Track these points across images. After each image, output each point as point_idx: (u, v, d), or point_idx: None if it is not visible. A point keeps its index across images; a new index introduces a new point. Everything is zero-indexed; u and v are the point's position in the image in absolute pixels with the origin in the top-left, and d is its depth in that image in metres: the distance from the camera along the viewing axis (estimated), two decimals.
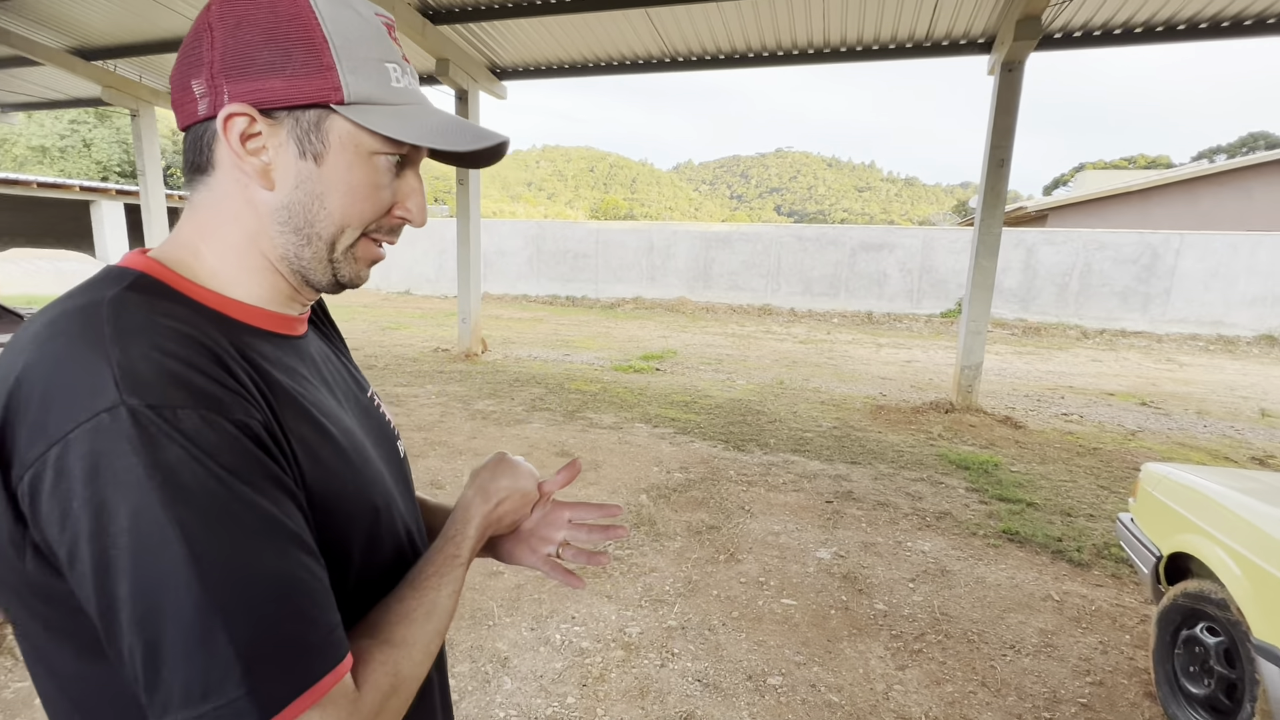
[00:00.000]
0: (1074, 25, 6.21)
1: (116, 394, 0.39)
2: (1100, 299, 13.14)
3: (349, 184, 0.52)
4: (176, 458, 0.39)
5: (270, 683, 0.39)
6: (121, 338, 0.41)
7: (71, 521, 0.38)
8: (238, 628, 0.38)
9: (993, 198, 6.08)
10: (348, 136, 0.51)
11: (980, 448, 5.14)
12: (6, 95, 11.39)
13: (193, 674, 0.38)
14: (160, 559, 0.38)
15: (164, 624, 0.38)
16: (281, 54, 0.48)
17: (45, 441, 0.39)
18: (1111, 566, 3.18)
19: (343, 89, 0.49)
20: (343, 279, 0.56)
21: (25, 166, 22.78)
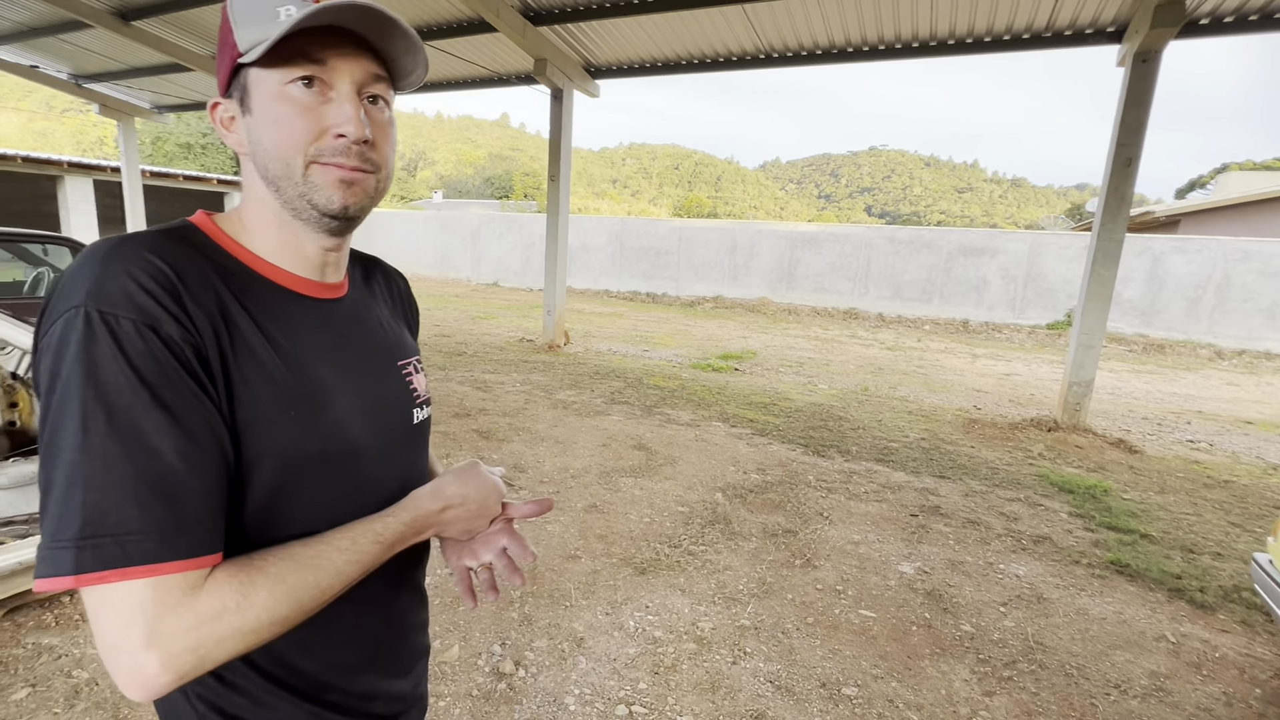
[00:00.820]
0: (1225, 9, 5.55)
1: (83, 298, 0.50)
2: (1241, 315, 11.72)
3: (273, 119, 0.59)
4: (104, 352, 0.49)
5: (94, 546, 0.47)
6: (109, 261, 0.52)
7: (38, 376, 0.51)
8: (90, 494, 0.47)
9: (1116, 200, 5.57)
10: (257, 79, 0.59)
11: (1087, 471, 4.74)
12: (162, 98, 12.86)
13: (55, 516, 0.47)
14: (65, 422, 0.48)
15: (54, 471, 0.48)
16: (220, 45, 0.62)
17: (47, 323, 0.52)
18: (1241, 612, 2.86)
19: (238, 44, 0.58)
20: (319, 206, 0.61)
21: (173, 161, 25.63)
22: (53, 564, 0.47)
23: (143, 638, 0.47)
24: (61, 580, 0.47)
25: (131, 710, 1.92)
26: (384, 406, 0.70)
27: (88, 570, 0.47)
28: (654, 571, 2.91)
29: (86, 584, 0.47)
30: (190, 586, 0.49)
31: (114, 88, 12.35)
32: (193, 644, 0.49)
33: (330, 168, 0.60)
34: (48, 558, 0.47)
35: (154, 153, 26.06)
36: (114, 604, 0.47)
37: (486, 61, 8.98)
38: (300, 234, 0.64)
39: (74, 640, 2.20)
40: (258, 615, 0.52)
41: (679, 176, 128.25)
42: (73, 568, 0.46)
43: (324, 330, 0.66)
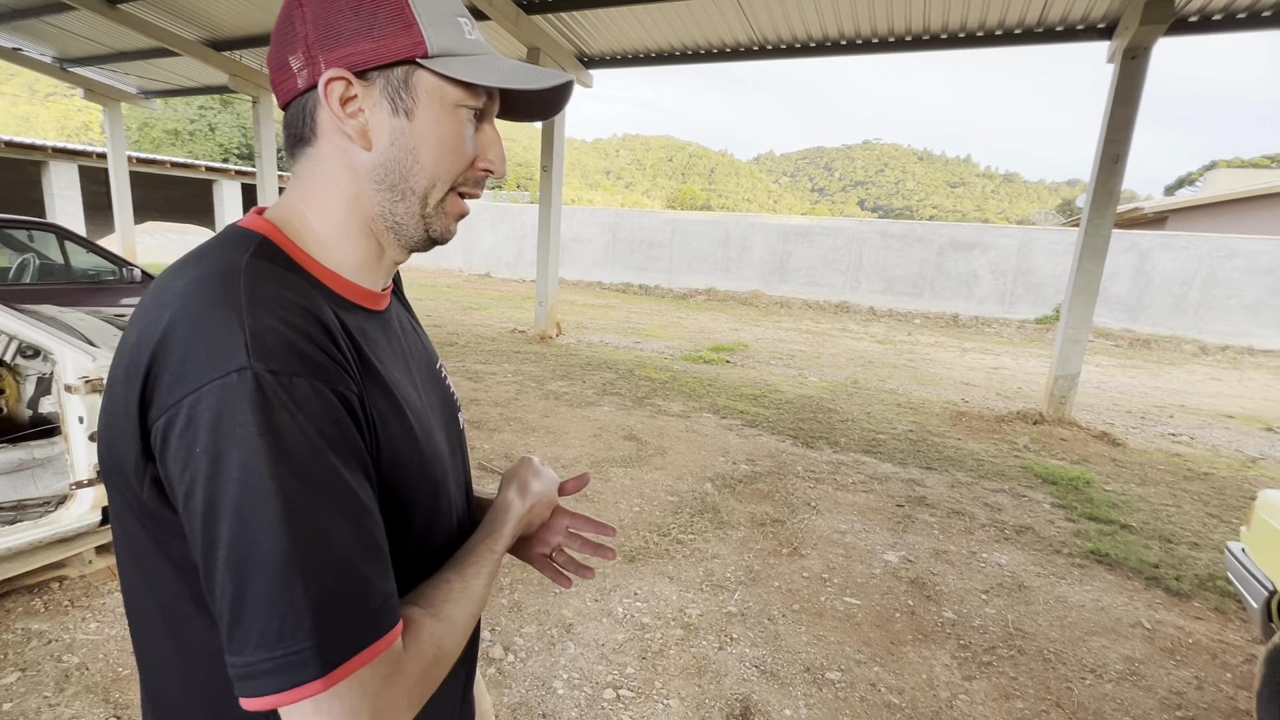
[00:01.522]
0: (1213, 7, 5.60)
1: (246, 357, 0.43)
2: (1225, 312, 11.89)
3: (438, 137, 0.55)
4: (285, 421, 0.43)
5: (334, 638, 0.43)
6: (254, 307, 0.45)
7: (192, 464, 0.43)
8: (313, 584, 0.42)
9: (1104, 196, 5.63)
10: (434, 90, 0.54)
11: (1071, 463, 4.82)
12: (149, 83, 12.68)
13: (270, 620, 0.41)
14: (259, 511, 0.42)
15: (253, 570, 0.41)
16: (368, 18, 0.52)
17: (182, 390, 0.43)
18: (1215, 599, 2.93)
19: (426, 43, 0.53)
20: (434, 234, 0.59)
21: (161, 148, 25.28)
22: (293, 671, 0.41)
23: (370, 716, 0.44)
24: (310, 686, 0.42)
25: (122, 694, 1.93)
26: (445, 418, 0.68)
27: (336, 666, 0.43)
28: (643, 560, 2.95)
29: (335, 683, 0.42)
30: (399, 654, 0.47)
31: (99, 72, 12.16)
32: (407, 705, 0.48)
33: (460, 198, 0.60)
34: (281, 667, 0.41)
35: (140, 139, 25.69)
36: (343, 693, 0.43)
37: None
38: (386, 244, 0.60)
39: (64, 625, 2.21)
40: (448, 661, 0.53)
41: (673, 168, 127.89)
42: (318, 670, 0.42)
43: (391, 342, 0.62)
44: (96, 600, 2.36)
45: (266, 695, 0.42)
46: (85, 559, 2.45)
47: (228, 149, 26.38)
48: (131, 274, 5.22)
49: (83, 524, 2.34)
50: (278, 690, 0.42)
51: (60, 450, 2.83)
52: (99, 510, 2.34)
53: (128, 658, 2.08)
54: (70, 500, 2.29)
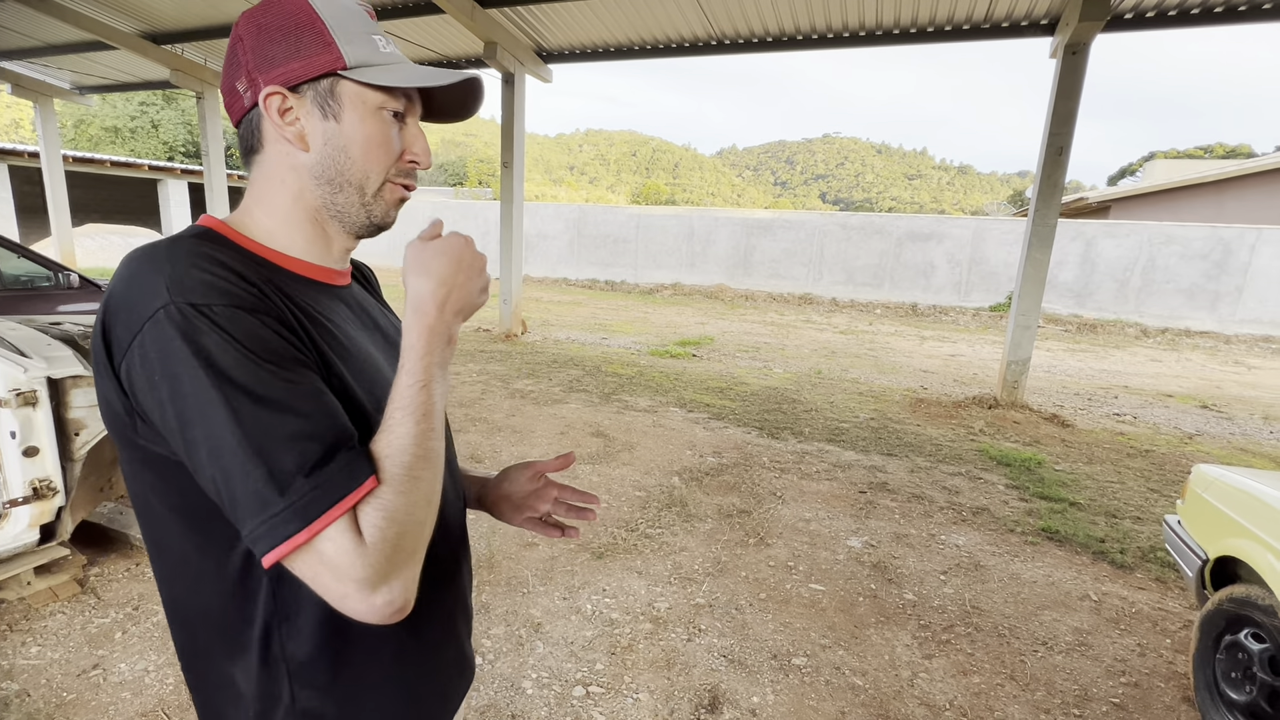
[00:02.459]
0: (1146, 5, 5.86)
1: (167, 295, 0.52)
2: (1164, 296, 12.49)
3: (364, 135, 0.64)
4: (213, 342, 0.51)
5: (305, 497, 0.50)
6: (173, 260, 0.54)
7: (155, 391, 0.52)
8: (273, 459, 0.50)
9: (1049, 187, 5.85)
10: (355, 95, 0.63)
11: (1023, 445, 5.00)
12: (84, 78, 12.05)
13: (250, 494, 0.50)
14: (213, 413, 0.50)
15: (225, 459, 0.50)
16: (295, 43, 0.62)
17: (129, 335, 0.53)
18: (1156, 570, 3.09)
19: (344, 57, 0.62)
20: (375, 219, 0.68)
21: (99, 146, 24.06)
22: (278, 529, 0.50)
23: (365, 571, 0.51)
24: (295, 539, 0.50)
25: (67, 719, 1.85)
26: None
27: (319, 515, 0.50)
28: (611, 556, 2.95)
29: (316, 532, 0.50)
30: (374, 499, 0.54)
31: (28, 66, 11.50)
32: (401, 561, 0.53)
33: (397, 187, 0.68)
34: (267, 530, 0.50)
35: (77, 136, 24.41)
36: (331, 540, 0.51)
37: (434, 44, 8.73)
38: (333, 233, 0.68)
39: (1, 652, 2.10)
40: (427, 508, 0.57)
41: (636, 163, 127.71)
42: (302, 521, 0.50)
43: (349, 312, 0.71)
44: (38, 624, 2.25)
45: (269, 552, 0.51)
46: (23, 580, 2.33)
47: (173, 147, 25.26)
48: (69, 279, 4.97)
49: (19, 544, 2.22)
50: (273, 546, 0.50)
51: None
52: (36, 529, 2.23)
53: (72, 681, 1.99)
54: (4, 519, 2.18)
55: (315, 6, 0.63)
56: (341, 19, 0.63)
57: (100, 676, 2.02)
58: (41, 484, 2.20)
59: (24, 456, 2.14)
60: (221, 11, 8.45)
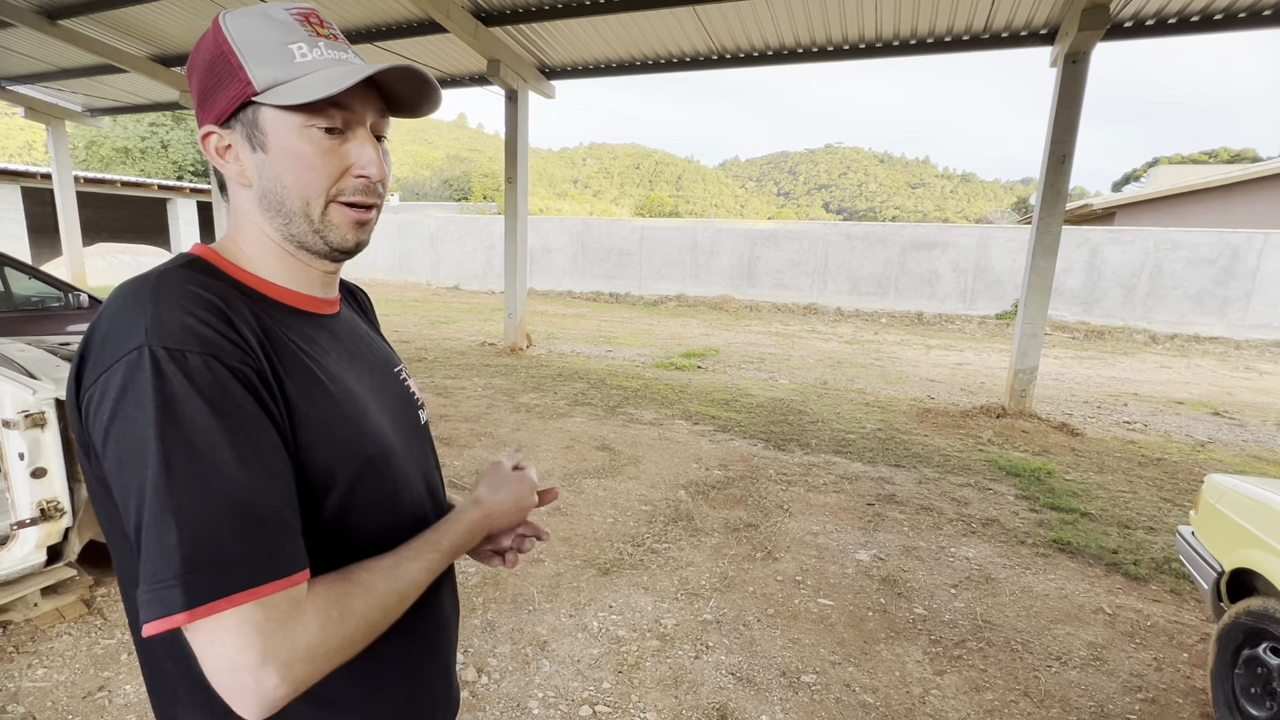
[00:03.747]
0: (1146, 13, 5.88)
1: (144, 337, 0.51)
2: (1172, 302, 12.41)
3: (294, 158, 0.61)
4: (176, 390, 0.50)
5: (201, 579, 0.48)
6: (156, 298, 0.53)
7: (101, 428, 0.51)
8: (185, 529, 0.48)
9: (1052, 195, 5.84)
10: (276, 120, 0.60)
11: (1033, 454, 4.96)
12: (96, 101, 12.26)
13: (154, 559, 0.48)
14: (146, 466, 0.49)
15: (144, 516, 0.49)
16: (215, 76, 0.60)
17: (99, 369, 0.52)
18: (1171, 582, 3.04)
19: (252, 82, 0.59)
20: (334, 243, 0.65)
21: (110, 167, 24.42)
22: (162, 604, 0.47)
23: (259, 656, 0.48)
24: (174, 619, 0.47)
25: None
26: (399, 411, 0.73)
27: (200, 604, 0.48)
28: (617, 571, 2.93)
29: (199, 618, 0.48)
30: (295, 602, 0.51)
31: (42, 90, 11.72)
32: (305, 655, 0.51)
33: (347, 209, 0.64)
34: (154, 600, 0.48)
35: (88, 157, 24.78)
36: (227, 629, 0.48)
37: (439, 63, 8.84)
38: (305, 260, 0.66)
39: (8, 673, 2.10)
40: (356, 623, 0.55)
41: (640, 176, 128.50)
42: (183, 604, 0.47)
43: (336, 343, 0.69)
44: (44, 645, 2.25)
45: (149, 622, 0.48)
46: (30, 602, 2.34)
47: (182, 166, 25.60)
48: (78, 299, 5.02)
49: (26, 565, 2.23)
50: (152, 618, 0.48)
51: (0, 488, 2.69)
52: (44, 550, 2.24)
53: (77, 704, 1.98)
54: (12, 541, 2.19)
55: (227, 31, 0.60)
56: (253, 38, 0.59)
57: (105, 699, 2.01)
58: (49, 505, 2.21)
59: (32, 478, 2.15)
60: None
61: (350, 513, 0.62)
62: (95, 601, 2.51)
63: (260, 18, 0.60)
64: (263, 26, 0.60)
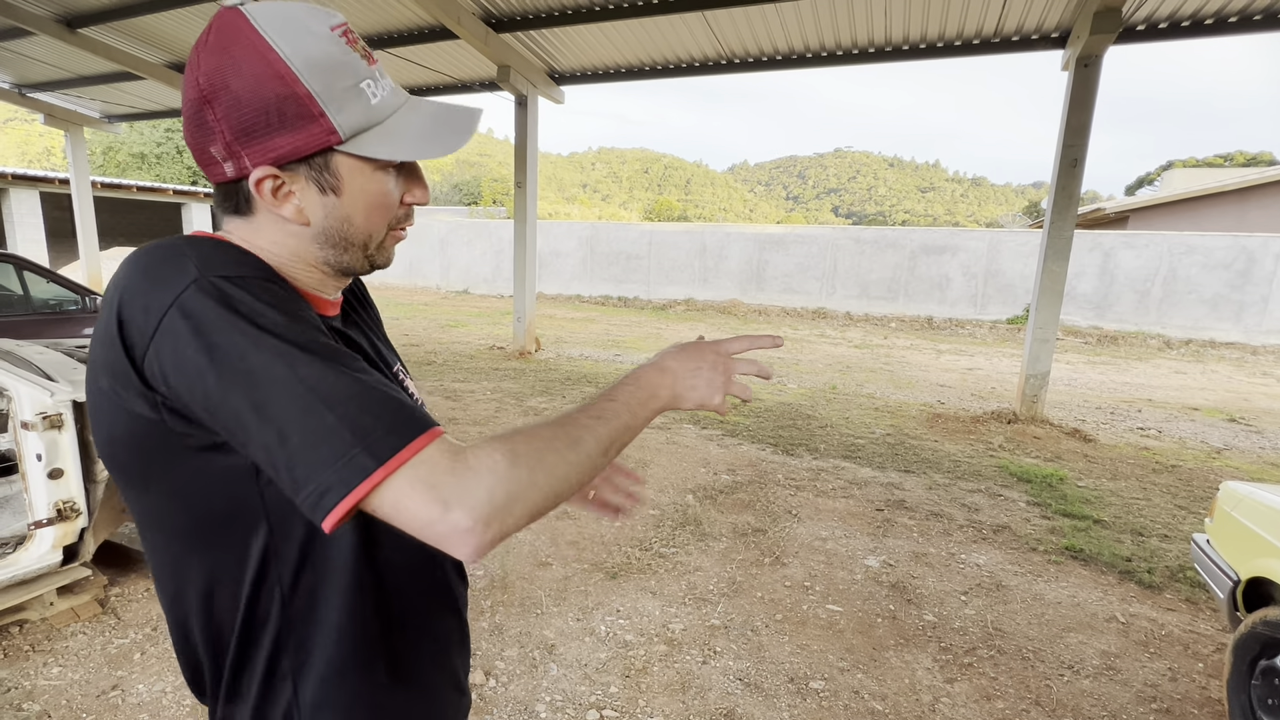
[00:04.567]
0: (1159, 16, 5.84)
1: (197, 272, 0.50)
2: (1186, 307, 12.26)
3: (367, 201, 0.61)
4: (250, 306, 0.50)
5: (378, 438, 0.48)
6: (194, 246, 0.53)
7: (191, 367, 0.48)
8: (338, 405, 0.48)
9: (1064, 199, 5.80)
10: (355, 167, 0.59)
11: (1044, 460, 4.91)
12: (113, 107, 12.46)
13: (316, 448, 0.47)
14: (263, 371, 0.48)
15: (281, 418, 0.47)
16: (278, 115, 0.54)
17: (154, 323, 0.49)
18: (1186, 590, 3.00)
19: (338, 131, 0.56)
20: (378, 265, 0.67)
21: (127, 172, 24.79)
22: (354, 473, 0.47)
23: (441, 504, 0.48)
24: (370, 480, 0.47)
25: None
26: None
27: (385, 459, 0.47)
28: (625, 575, 2.93)
29: (391, 471, 0.47)
30: (456, 450, 0.50)
31: (61, 97, 11.93)
32: (484, 495, 0.49)
33: (399, 234, 0.66)
34: (342, 476, 0.47)
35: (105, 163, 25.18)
36: (405, 488, 0.48)
37: (449, 69, 8.92)
38: (331, 277, 0.66)
39: (24, 672, 2.13)
40: (529, 464, 0.52)
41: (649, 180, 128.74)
42: (374, 463, 0.47)
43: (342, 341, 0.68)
44: (59, 644, 2.28)
45: (339, 504, 0.47)
46: (46, 601, 2.37)
47: (196, 171, 25.93)
48: (94, 303, 5.10)
49: (43, 565, 2.26)
50: (346, 492, 0.47)
51: (18, 489, 2.73)
52: (60, 550, 2.27)
53: (91, 702, 2.01)
54: (29, 541, 2.22)
55: (291, 64, 0.53)
56: (324, 75, 0.54)
57: (119, 698, 2.03)
58: (65, 506, 2.24)
59: (49, 479, 2.18)
60: None
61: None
62: (110, 601, 2.54)
63: (309, 36, 0.54)
64: (324, 56, 0.55)
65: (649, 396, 0.65)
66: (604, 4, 6.80)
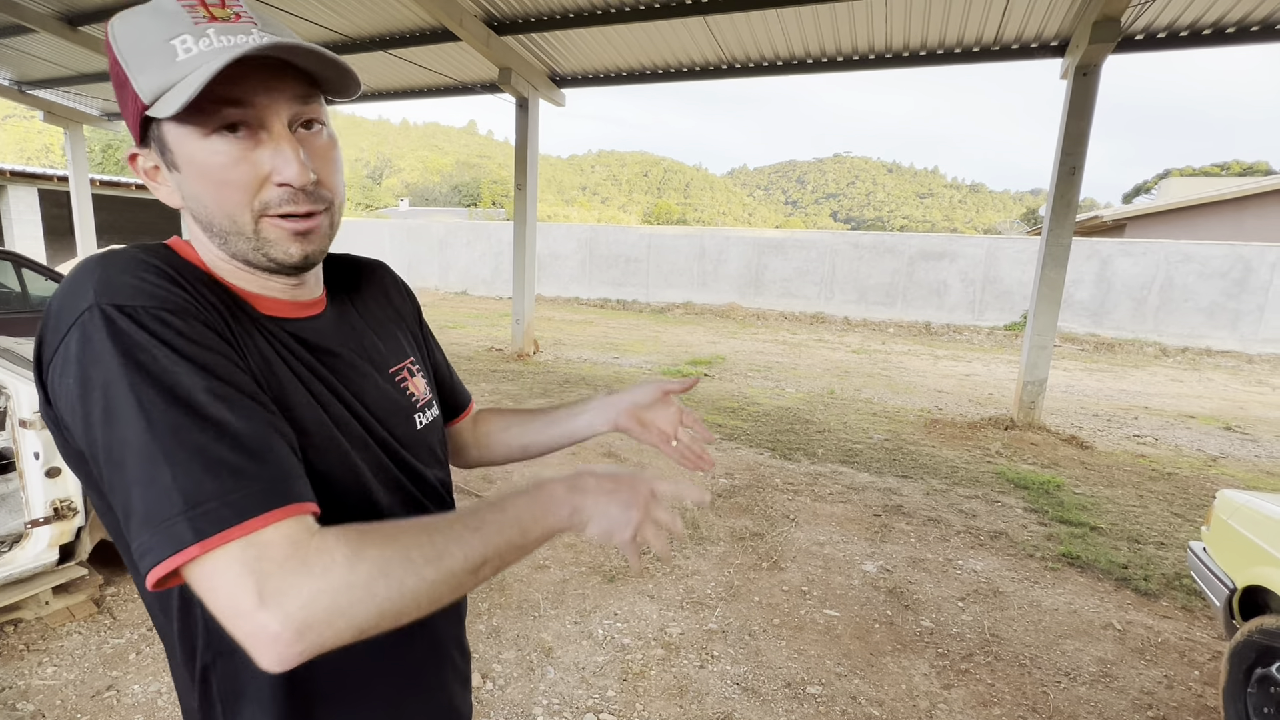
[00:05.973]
0: (1158, 26, 5.88)
1: (92, 298, 0.48)
2: (1183, 315, 12.30)
3: (204, 174, 0.54)
4: (136, 339, 0.48)
5: (205, 513, 0.45)
6: (104, 263, 0.51)
7: (69, 394, 0.48)
8: (177, 467, 0.45)
9: (1062, 206, 5.82)
10: (178, 134, 0.53)
11: (1041, 467, 4.92)
12: (113, 105, 12.44)
13: (148, 503, 0.45)
14: (121, 415, 0.46)
15: (127, 467, 0.46)
16: (118, 94, 0.55)
17: (56, 339, 0.50)
18: (1182, 598, 3.00)
19: (139, 95, 0.52)
20: (276, 260, 0.58)
21: (125, 170, 24.75)
22: (169, 541, 0.44)
23: (256, 597, 0.43)
24: (184, 554, 0.44)
25: None
26: (379, 418, 0.66)
27: (207, 535, 0.44)
28: (622, 579, 2.93)
29: (211, 548, 0.44)
30: (295, 538, 0.46)
31: (60, 94, 11.92)
32: (306, 599, 0.44)
33: (280, 220, 0.56)
34: (158, 541, 0.44)
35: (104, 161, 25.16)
36: (221, 569, 0.44)
37: (451, 70, 8.93)
38: (256, 273, 0.61)
39: (18, 671, 2.12)
40: (370, 573, 0.46)
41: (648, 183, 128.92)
42: (193, 536, 0.44)
43: (292, 356, 0.61)
44: (54, 643, 2.27)
45: (153, 570, 0.44)
46: (42, 600, 2.36)
47: None
48: None
49: (39, 563, 2.25)
50: (159, 560, 0.44)
51: (15, 487, 2.72)
52: (56, 549, 2.26)
53: (86, 702, 2.00)
54: (26, 539, 2.21)
55: (113, 38, 0.53)
56: (137, 41, 0.52)
57: (114, 698, 2.03)
58: (62, 504, 2.23)
59: (46, 477, 2.18)
60: None
61: None
62: (105, 601, 2.53)
63: (147, 14, 0.53)
64: (147, 24, 0.52)
65: (544, 513, 0.57)
66: (606, 8, 6.83)
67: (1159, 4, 5.47)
